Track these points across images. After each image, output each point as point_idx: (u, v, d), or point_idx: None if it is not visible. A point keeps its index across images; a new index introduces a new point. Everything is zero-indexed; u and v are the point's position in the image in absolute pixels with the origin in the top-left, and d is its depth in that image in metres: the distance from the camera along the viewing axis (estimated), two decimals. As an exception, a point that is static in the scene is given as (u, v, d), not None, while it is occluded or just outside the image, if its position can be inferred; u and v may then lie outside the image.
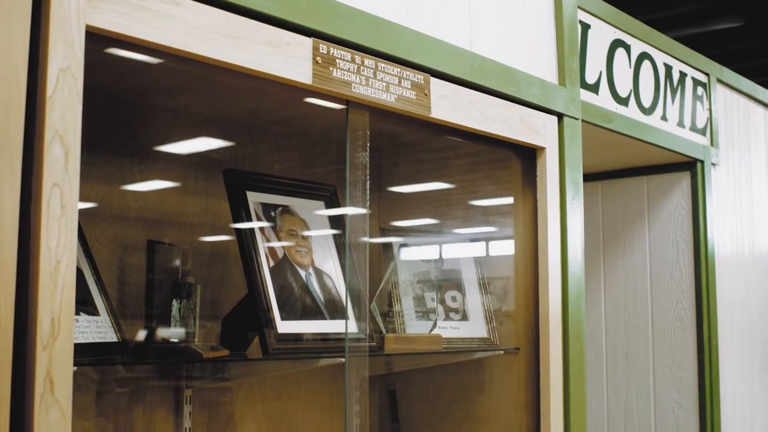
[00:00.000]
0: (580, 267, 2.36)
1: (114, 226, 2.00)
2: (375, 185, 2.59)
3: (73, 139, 1.32)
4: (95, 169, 1.97)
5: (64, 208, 1.30)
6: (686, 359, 3.74)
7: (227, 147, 2.27)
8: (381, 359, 2.33)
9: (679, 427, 3.76)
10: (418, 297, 2.28)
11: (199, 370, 2.14)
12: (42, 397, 1.29)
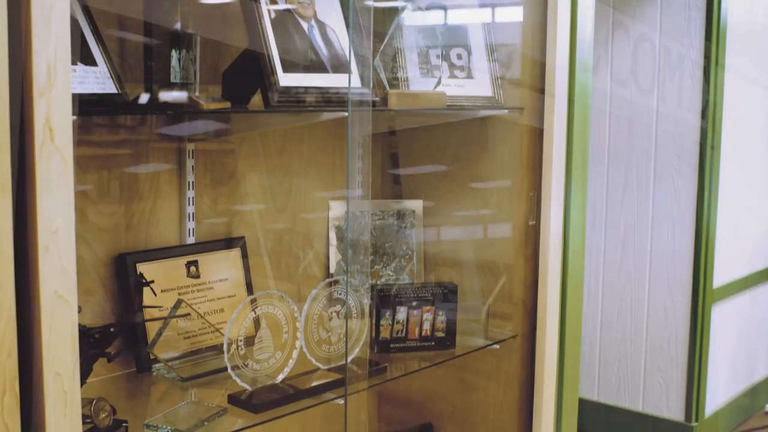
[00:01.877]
0: (589, 36, 2.31)
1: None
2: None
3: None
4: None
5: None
6: (689, 128, 3.74)
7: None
8: (383, 116, 2.32)
9: (677, 192, 3.81)
10: (423, 54, 2.23)
11: (200, 124, 2.13)
12: (42, 145, 1.28)
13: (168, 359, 1.96)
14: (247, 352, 1.83)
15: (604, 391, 4.13)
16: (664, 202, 3.85)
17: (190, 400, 1.83)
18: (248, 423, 1.78)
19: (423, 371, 2.53)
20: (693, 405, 3.88)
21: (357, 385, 1.95)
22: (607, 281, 4.06)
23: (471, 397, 2.51)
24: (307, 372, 1.96)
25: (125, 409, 1.77)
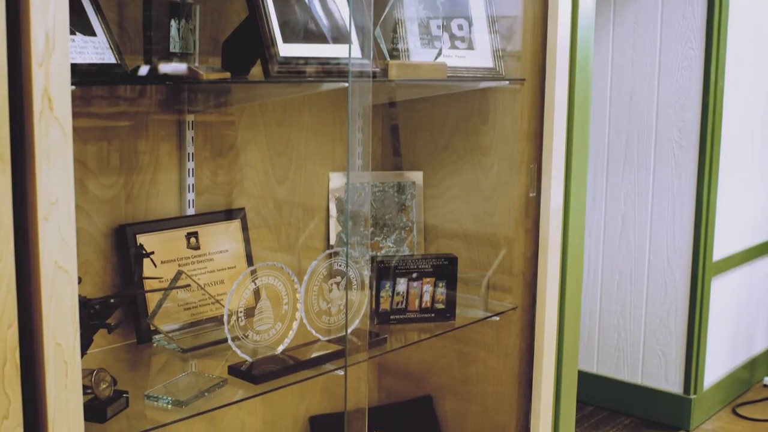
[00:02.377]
0: (591, 7, 2.30)
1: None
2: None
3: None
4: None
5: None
6: (690, 100, 3.73)
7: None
8: (384, 87, 2.31)
9: (677, 166, 3.80)
10: (423, 24, 2.22)
11: (200, 95, 2.13)
12: (41, 114, 1.28)
13: (168, 330, 1.96)
14: (247, 323, 1.83)
15: (603, 363, 4.15)
16: (664, 175, 3.85)
17: (191, 371, 1.84)
18: (248, 394, 1.79)
19: (423, 343, 2.53)
20: (692, 377, 3.89)
21: (357, 357, 1.95)
22: (607, 254, 4.06)
23: (470, 369, 2.51)
24: (307, 343, 1.97)
25: (126, 380, 1.78)
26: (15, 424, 1.27)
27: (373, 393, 2.69)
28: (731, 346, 4.24)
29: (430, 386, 2.62)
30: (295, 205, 2.38)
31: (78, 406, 1.34)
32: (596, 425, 3.99)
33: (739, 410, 4.16)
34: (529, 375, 2.36)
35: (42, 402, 1.31)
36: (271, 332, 1.88)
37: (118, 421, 1.59)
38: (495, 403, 2.47)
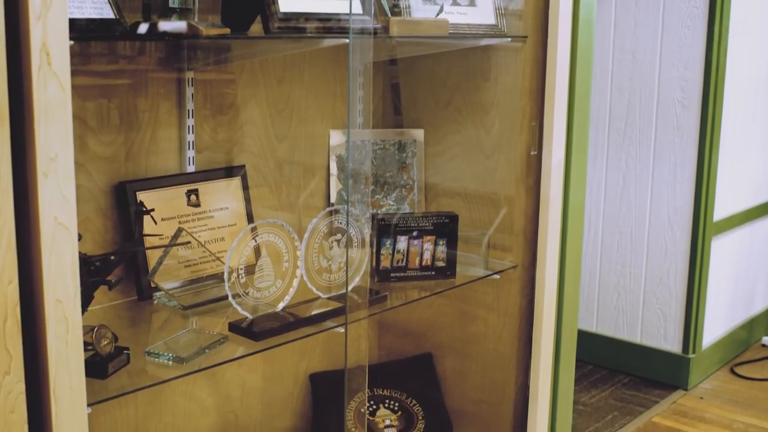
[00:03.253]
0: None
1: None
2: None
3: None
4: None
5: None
6: (694, 59, 3.70)
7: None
8: (385, 44, 2.29)
9: (679, 125, 3.79)
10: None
11: (200, 53, 2.11)
12: (39, 69, 1.27)
13: (169, 288, 1.96)
14: (248, 280, 1.84)
15: (603, 322, 4.16)
16: (666, 134, 3.83)
17: (191, 328, 1.85)
18: (249, 350, 1.80)
19: (423, 301, 2.54)
20: (691, 337, 3.91)
21: (357, 314, 1.96)
22: (608, 213, 4.06)
23: (470, 328, 2.52)
24: (307, 300, 1.97)
25: (127, 337, 1.78)
26: (16, 380, 1.28)
27: (373, 351, 2.71)
28: (730, 306, 4.26)
29: (430, 344, 2.63)
30: (295, 163, 2.37)
31: (79, 362, 1.35)
32: (595, 384, 4.02)
33: (737, 369, 4.19)
34: (529, 333, 2.36)
35: (43, 358, 1.32)
36: (271, 289, 1.88)
37: (119, 377, 1.60)
38: (495, 361, 2.48)
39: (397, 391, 2.53)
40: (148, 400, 2.11)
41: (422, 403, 2.52)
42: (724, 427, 3.60)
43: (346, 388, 1.97)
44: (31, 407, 1.32)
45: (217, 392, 2.27)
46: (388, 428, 2.44)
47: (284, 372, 2.44)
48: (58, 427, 1.33)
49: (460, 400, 2.58)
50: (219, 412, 2.28)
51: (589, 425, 3.61)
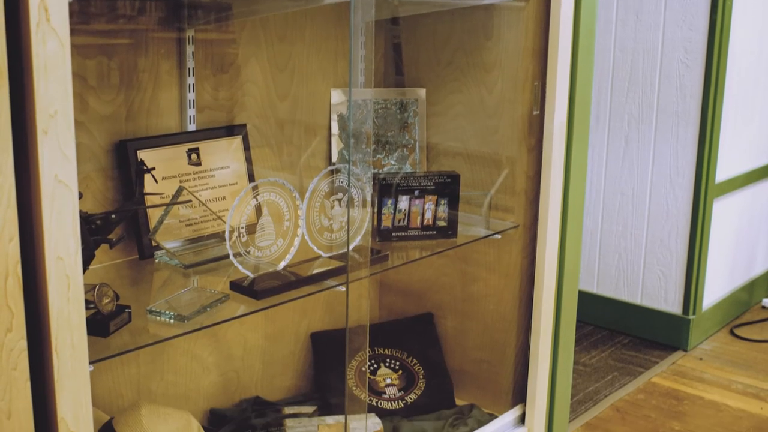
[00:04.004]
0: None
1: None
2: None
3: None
4: None
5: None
6: (698, 20, 3.67)
7: None
8: (387, 2, 2.27)
9: (683, 86, 3.76)
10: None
11: (200, 12, 2.09)
12: (38, 25, 1.26)
13: (170, 247, 1.96)
14: (249, 239, 1.83)
15: (603, 283, 4.17)
16: (669, 94, 3.81)
17: (192, 287, 1.85)
18: (250, 309, 1.80)
19: (424, 261, 2.54)
20: (691, 298, 3.92)
21: (358, 273, 1.96)
22: (609, 174, 4.05)
23: (471, 288, 2.53)
24: (308, 259, 1.97)
25: (128, 296, 1.78)
26: (18, 337, 1.28)
27: (374, 311, 2.71)
28: (731, 268, 4.26)
29: (431, 304, 2.64)
30: (296, 123, 2.36)
31: (81, 320, 1.35)
32: (595, 344, 4.04)
33: (737, 331, 4.20)
34: (530, 294, 2.37)
35: (45, 316, 1.32)
36: (272, 248, 1.88)
37: (120, 335, 1.60)
38: (495, 321, 2.49)
39: (398, 351, 2.54)
40: (150, 359, 2.12)
41: (423, 363, 2.53)
42: (723, 387, 3.62)
43: (348, 347, 1.98)
44: (34, 365, 1.33)
45: (219, 351, 2.27)
46: (389, 387, 2.46)
47: (285, 331, 2.45)
48: (60, 385, 1.34)
49: (460, 360, 2.59)
50: (220, 371, 2.29)
51: (589, 385, 3.63)
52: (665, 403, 3.49)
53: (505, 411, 2.40)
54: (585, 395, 3.54)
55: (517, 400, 2.43)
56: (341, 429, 2.18)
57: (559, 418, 2.49)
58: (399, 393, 2.46)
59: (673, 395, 3.56)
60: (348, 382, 2.18)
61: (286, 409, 2.29)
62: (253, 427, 2.14)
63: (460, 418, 2.42)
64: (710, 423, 3.34)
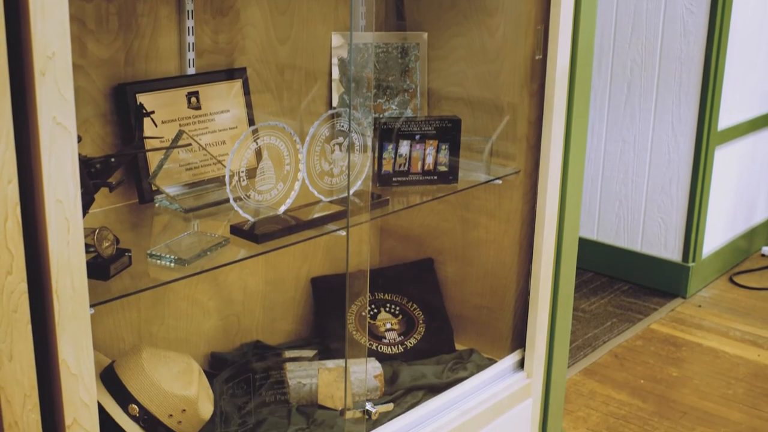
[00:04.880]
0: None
1: None
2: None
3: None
4: None
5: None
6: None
7: None
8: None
9: (686, 32, 3.73)
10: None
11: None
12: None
13: (170, 191, 1.96)
14: (249, 183, 1.83)
15: (604, 230, 4.18)
16: (673, 40, 3.78)
17: (193, 231, 1.85)
18: (250, 253, 1.80)
19: (424, 207, 2.54)
20: (691, 245, 3.93)
21: (359, 217, 1.95)
22: (611, 120, 4.03)
23: (471, 234, 2.53)
24: (309, 204, 1.97)
25: (128, 240, 1.78)
26: (19, 280, 1.28)
27: (374, 256, 2.72)
28: (731, 216, 4.26)
29: (431, 250, 2.64)
30: (296, 68, 2.34)
31: (81, 263, 1.35)
32: (594, 291, 4.05)
33: (736, 279, 4.22)
34: (530, 240, 2.37)
35: (45, 259, 1.32)
36: (273, 192, 1.88)
37: (121, 279, 1.61)
38: (495, 267, 2.49)
39: (398, 296, 2.55)
40: (151, 304, 2.12)
41: (423, 308, 2.54)
42: (722, 334, 3.64)
43: (348, 291, 1.98)
44: (35, 308, 1.33)
45: (219, 296, 2.28)
46: (389, 332, 2.47)
47: (286, 276, 2.45)
48: (61, 327, 1.34)
49: (460, 305, 2.60)
50: (221, 315, 2.30)
51: (588, 332, 3.65)
52: (663, 350, 3.51)
53: (505, 356, 2.42)
54: (584, 341, 3.56)
55: (517, 345, 2.44)
56: (341, 373, 2.20)
57: (558, 364, 2.51)
58: (399, 338, 2.47)
59: (672, 342, 3.58)
60: (348, 326, 2.19)
61: (286, 353, 2.31)
62: (254, 370, 2.16)
63: (460, 363, 2.43)
64: (708, 369, 3.37)
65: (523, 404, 2.39)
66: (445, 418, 2.17)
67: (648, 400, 3.13)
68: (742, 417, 3.03)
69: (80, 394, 1.38)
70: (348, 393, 1.98)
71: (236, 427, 2.07)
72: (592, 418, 3.01)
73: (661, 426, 2.97)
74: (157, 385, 1.77)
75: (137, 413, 1.76)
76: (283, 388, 2.20)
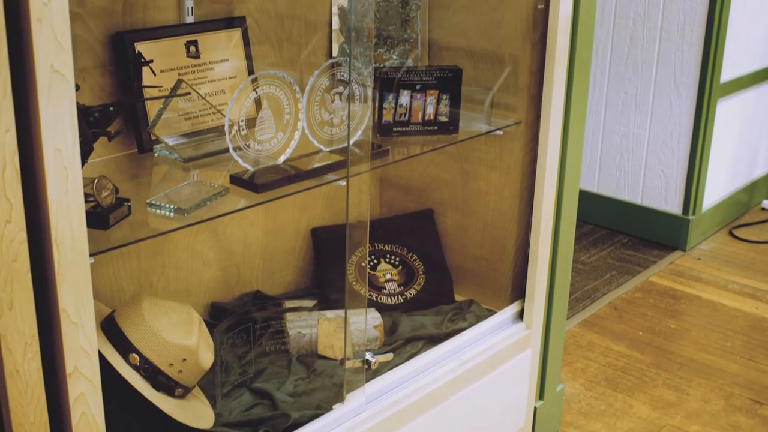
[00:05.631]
0: None
1: None
2: None
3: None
4: None
5: None
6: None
7: None
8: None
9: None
10: None
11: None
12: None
13: (169, 140, 1.95)
14: (249, 133, 1.82)
15: (604, 183, 4.17)
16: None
17: (192, 181, 1.84)
18: (250, 203, 1.80)
19: (425, 158, 2.53)
20: (691, 199, 3.92)
21: (359, 167, 1.94)
22: (613, 72, 4.00)
23: (472, 186, 2.52)
24: (309, 153, 1.96)
25: (127, 189, 1.78)
26: (18, 229, 1.28)
27: (374, 207, 2.71)
28: (732, 169, 4.25)
29: (431, 201, 2.63)
30: (296, 18, 2.32)
31: (80, 212, 1.35)
32: (594, 243, 4.06)
33: (736, 232, 4.22)
34: (531, 191, 2.36)
35: (44, 208, 1.31)
36: (272, 142, 1.87)
37: (120, 228, 1.60)
38: (495, 218, 2.49)
39: (398, 247, 2.55)
40: (151, 254, 2.13)
41: (423, 259, 2.55)
42: (721, 287, 3.65)
43: (348, 242, 1.98)
44: (35, 257, 1.33)
45: (219, 246, 2.28)
46: (389, 282, 2.48)
47: (286, 226, 2.45)
48: (61, 276, 1.34)
49: (460, 257, 2.61)
50: (220, 266, 2.31)
51: (587, 284, 3.66)
52: (662, 302, 3.53)
53: (504, 307, 2.42)
54: (583, 293, 3.58)
55: (516, 296, 2.45)
56: (341, 323, 2.21)
57: (557, 315, 2.52)
58: (399, 288, 2.48)
59: (671, 294, 3.60)
60: (348, 277, 2.19)
61: (286, 303, 2.32)
62: (254, 320, 2.16)
63: (459, 313, 2.44)
64: (706, 322, 3.39)
65: (522, 355, 2.40)
66: (444, 368, 2.18)
67: (646, 352, 3.14)
68: (740, 369, 3.05)
69: (81, 343, 1.39)
70: (348, 343, 1.99)
71: (236, 377, 2.08)
72: (591, 369, 3.03)
73: (659, 377, 2.99)
74: (158, 335, 1.78)
75: (138, 362, 1.76)
76: (283, 337, 2.22)
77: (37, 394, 1.35)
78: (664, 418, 2.77)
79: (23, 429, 1.34)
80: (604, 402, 2.85)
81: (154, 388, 1.79)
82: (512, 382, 2.40)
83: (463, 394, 2.22)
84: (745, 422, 2.75)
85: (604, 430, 2.71)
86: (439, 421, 2.17)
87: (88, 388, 1.41)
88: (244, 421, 1.95)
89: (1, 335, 1.29)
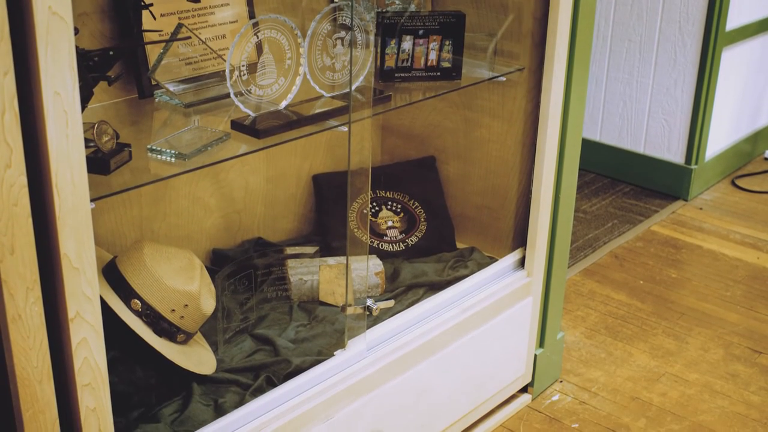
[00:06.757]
0: None
1: None
2: None
3: None
4: None
5: None
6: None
7: None
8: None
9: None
10: None
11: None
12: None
13: (170, 86, 1.93)
14: (250, 78, 1.80)
15: (607, 131, 4.15)
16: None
17: (193, 126, 1.83)
18: (251, 148, 1.79)
19: (427, 105, 2.51)
20: (694, 148, 3.91)
21: (361, 113, 1.93)
22: (617, 20, 3.96)
23: (474, 133, 2.51)
24: (310, 99, 1.94)
25: (128, 134, 1.77)
26: (18, 173, 1.27)
27: (376, 155, 2.70)
28: (736, 119, 4.23)
29: (433, 148, 2.62)
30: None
31: (80, 157, 1.34)
32: (596, 192, 4.05)
33: (738, 182, 4.21)
34: (533, 139, 2.35)
35: (44, 153, 1.31)
36: (274, 87, 1.85)
37: (121, 173, 1.60)
38: (497, 166, 2.48)
39: (399, 194, 2.54)
40: (152, 201, 2.12)
41: (424, 206, 2.54)
42: (722, 237, 3.65)
43: (349, 189, 1.97)
44: (35, 203, 1.33)
45: (220, 193, 2.28)
46: (391, 229, 2.47)
47: (287, 173, 2.44)
48: (62, 222, 1.34)
49: (462, 204, 2.60)
50: (222, 213, 2.30)
51: (589, 233, 3.66)
52: (663, 251, 3.53)
53: (505, 255, 2.42)
54: (585, 242, 3.58)
55: (518, 244, 2.45)
56: (343, 270, 2.21)
57: (558, 263, 2.52)
58: (400, 235, 2.48)
59: (672, 243, 3.60)
60: (349, 224, 2.19)
61: (287, 249, 2.32)
62: (255, 266, 2.16)
63: (461, 261, 2.44)
64: (707, 271, 3.39)
65: (523, 302, 2.41)
66: (445, 315, 2.18)
67: (646, 301, 3.15)
68: (740, 318, 3.06)
69: (82, 288, 1.39)
70: (349, 289, 2.00)
71: (238, 323, 2.08)
72: (591, 317, 3.05)
73: (659, 326, 3.00)
74: (160, 280, 1.78)
75: (140, 308, 1.77)
76: (285, 284, 2.22)
77: (39, 339, 1.35)
78: (663, 366, 2.78)
79: (26, 374, 1.35)
80: (604, 350, 2.87)
81: (156, 333, 1.79)
82: (513, 329, 2.41)
83: (463, 342, 2.23)
84: (743, 371, 2.77)
85: (604, 378, 2.73)
86: (440, 368, 2.18)
87: (90, 333, 1.42)
88: (245, 366, 1.96)
89: (3, 280, 1.29)
